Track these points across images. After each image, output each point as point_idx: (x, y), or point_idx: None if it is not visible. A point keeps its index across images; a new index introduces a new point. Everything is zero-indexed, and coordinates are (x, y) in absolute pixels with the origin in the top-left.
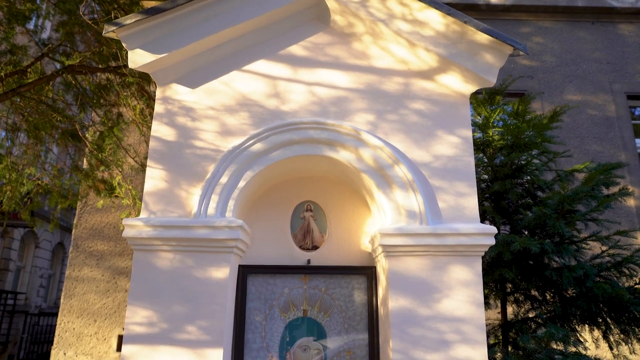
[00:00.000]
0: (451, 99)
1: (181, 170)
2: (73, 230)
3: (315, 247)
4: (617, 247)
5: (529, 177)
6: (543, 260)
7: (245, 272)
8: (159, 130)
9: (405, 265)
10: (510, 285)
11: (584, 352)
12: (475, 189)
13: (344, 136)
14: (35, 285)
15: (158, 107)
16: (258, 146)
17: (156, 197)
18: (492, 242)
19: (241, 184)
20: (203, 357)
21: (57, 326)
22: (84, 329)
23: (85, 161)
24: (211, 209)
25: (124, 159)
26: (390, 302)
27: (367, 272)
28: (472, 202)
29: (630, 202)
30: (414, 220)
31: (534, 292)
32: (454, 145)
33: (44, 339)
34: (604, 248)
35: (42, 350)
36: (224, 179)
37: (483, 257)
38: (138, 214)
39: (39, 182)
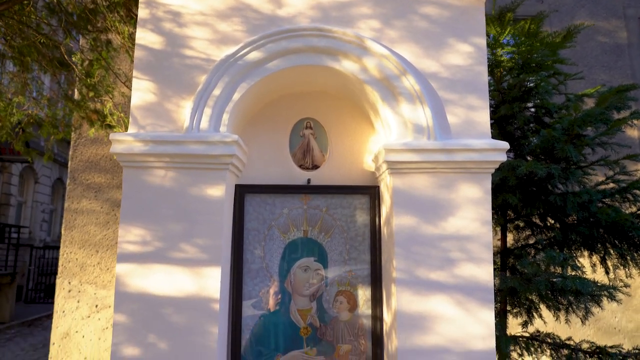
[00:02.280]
0: (465, 2)
1: (170, 81)
2: (69, 163)
3: (315, 167)
4: (623, 173)
5: (537, 101)
6: (547, 186)
7: (242, 192)
8: (144, 37)
9: (411, 182)
10: (511, 213)
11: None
12: (487, 102)
13: (346, 44)
14: (38, 220)
15: (142, 12)
16: (253, 55)
17: (145, 111)
18: (504, 158)
19: (236, 96)
20: (200, 276)
21: (60, 257)
22: (87, 259)
23: (76, 91)
24: (204, 123)
25: (114, 84)
26: (395, 220)
27: (370, 192)
28: (483, 117)
29: (634, 132)
30: (422, 135)
31: (535, 219)
32: (466, 55)
33: (50, 270)
34: (609, 173)
35: (50, 281)
36: (217, 91)
37: None
38: None
39: (29, 112)
